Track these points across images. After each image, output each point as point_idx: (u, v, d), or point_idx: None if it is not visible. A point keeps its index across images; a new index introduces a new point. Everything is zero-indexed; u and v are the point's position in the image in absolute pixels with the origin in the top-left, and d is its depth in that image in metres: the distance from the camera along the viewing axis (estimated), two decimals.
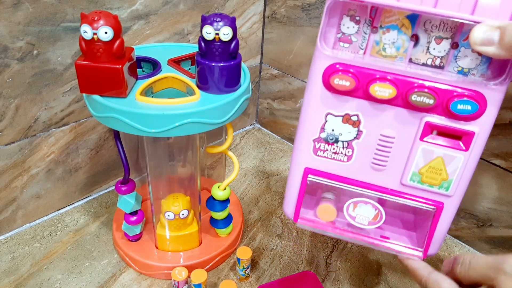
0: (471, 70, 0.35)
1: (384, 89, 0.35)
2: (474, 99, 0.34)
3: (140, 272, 0.55)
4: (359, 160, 0.40)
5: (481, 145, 0.37)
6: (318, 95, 0.38)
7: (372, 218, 0.42)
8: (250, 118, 0.89)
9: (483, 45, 0.31)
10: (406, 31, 0.35)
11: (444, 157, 0.37)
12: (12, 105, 0.53)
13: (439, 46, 0.35)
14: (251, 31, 0.77)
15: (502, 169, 0.55)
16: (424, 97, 0.35)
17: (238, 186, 0.71)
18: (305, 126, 0.39)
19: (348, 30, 0.36)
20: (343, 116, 0.38)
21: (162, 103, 0.43)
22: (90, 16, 0.40)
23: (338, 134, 0.39)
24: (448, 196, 0.39)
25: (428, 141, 0.37)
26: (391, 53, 0.36)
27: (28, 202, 0.60)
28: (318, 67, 0.37)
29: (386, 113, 0.37)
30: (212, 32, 0.43)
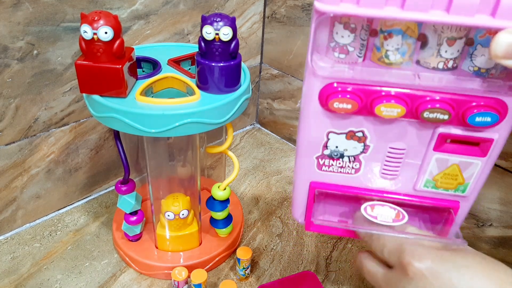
0: (489, 70, 0.30)
1: (392, 108, 0.31)
2: (494, 109, 0.30)
3: (140, 272, 0.55)
4: (367, 172, 0.37)
5: (499, 148, 0.34)
6: (315, 115, 0.34)
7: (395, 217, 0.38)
8: (250, 118, 0.89)
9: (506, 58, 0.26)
10: (412, 33, 0.30)
11: (460, 164, 0.35)
12: (12, 105, 0.53)
13: (452, 48, 0.30)
14: (251, 31, 0.77)
15: (502, 169, 0.55)
16: (438, 113, 0.31)
17: (238, 186, 0.71)
18: (304, 145, 0.36)
19: (342, 39, 0.31)
20: (346, 133, 0.35)
21: (162, 103, 0.43)
22: (90, 16, 0.40)
23: (343, 150, 0.36)
24: (464, 197, 0.37)
25: (443, 151, 0.34)
26: (396, 59, 0.31)
27: (28, 202, 0.60)
28: (312, 87, 0.32)
29: (395, 127, 0.34)
30: (212, 32, 0.43)
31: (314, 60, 0.32)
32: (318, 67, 0.32)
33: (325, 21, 0.30)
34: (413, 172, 0.36)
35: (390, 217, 0.37)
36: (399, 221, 0.37)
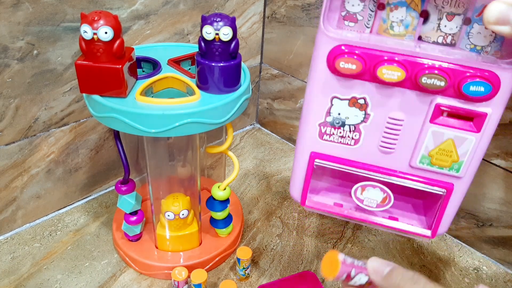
0: (484, 47, 0.33)
1: (393, 71, 0.33)
2: (487, 80, 0.32)
3: (140, 272, 0.55)
4: (366, 144, 0.38)
5: (493, 126, 0.35)
6: (322, 78, 0.36)
7: (381, 201, 0.40)
8: (250, 118, 0.89)
9: (497, 24, 0.28)
10: (416, 7, 0.33)
11: (455, 139, 0.36)
12: (12, 105, 0.53)
13: (451, 23, 0.33)
14: (251, 31, 0.77)
15: (502, 169, 0.55)
16: (435, 79, 0.33)
17: (238, 186, 0.71)
18: (310, 110, 0.38)
19: (353, 8, 0.34)
20: (349, 99, 0.36)
21: (162, 103, 0.43)
22: (90, 16, 0.40)
23: (345, 117, 0.37)
24: (459, 177, 0.38)
25: (438, 124, 0.35)
26: (400, 31, 0.34)
27: (28, 202, 0.60)
28: (322, 49, 0.34)
29: (394, 95, 0.35)
30: (212, 32, 0.43)
31: (325, 23, 0.34)
32: (329, 30, 0.34)
33: None
34: (409, 147, 0.37)
35: (376, 202, 0.40)
36: (383, 206, 0.40)
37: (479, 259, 0.60)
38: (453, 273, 0.57)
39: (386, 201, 0.40)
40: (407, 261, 0.58)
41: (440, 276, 0.56)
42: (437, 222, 0.40)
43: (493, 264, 0.59)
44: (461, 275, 0.57)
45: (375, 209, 0.41)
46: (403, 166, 0.39)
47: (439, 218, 0.39)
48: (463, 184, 0.38)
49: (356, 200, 0.41)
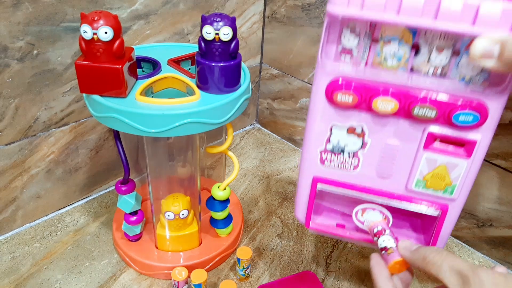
0: (473, 77, 0.35)
1: (387, 103, 0.36)
2: (475, 110, 0.34)
3: (140, 272, 0.55)
4: (365, 169, 0.40)
5: (483, 151, 0.37)
6: (322, 109, 0.38)
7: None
8: (250, 118, 0.89)
9: (482, 58, 0.31)
10: (407, 41, 0.35)
11: (447, 165, 0.38)
12: (12, 105, 0.53)
13: (441, 55, 0.35)
14: (251, 31, 0.77)
15: (502, 169, 0.55)
16: (427, 110, 0.35)
17: (238, 186, 0.71)
18: (311, 138, 0.40)
19: (348, 42, 0.36)
20: (347, 128, 0.39)
21: (162, 103, 0.43)
22: (90, 16, 0.40)
23: (344, 145, 0.40)
24: (453, 199, 0.40)
25: (431, 150, 0.38)
26: (393, 64, 0.36)
27: (28, 202, 0.60)
28: (320, 82, 0.37)
29: (389, 124, 0.38)
30: (212, 32, 0.43)
31: (323, 58, 0.36)
32: (327, 64, 0.36)
33: (335, 22, 0.35)
34: (405, 172, 0.40)
35: None
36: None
37: (479, 259, 0.60)
38: None
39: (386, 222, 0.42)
40: None
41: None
42: (434, 241, 0.42)
43: (493, 264, 0.59)
44: None
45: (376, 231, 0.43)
46: (400, 190, 0.41)
47: (435, 237, 0.41)
48: (457, 205, 0.40)
49: (357, 222, 0.43)
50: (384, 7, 0.32)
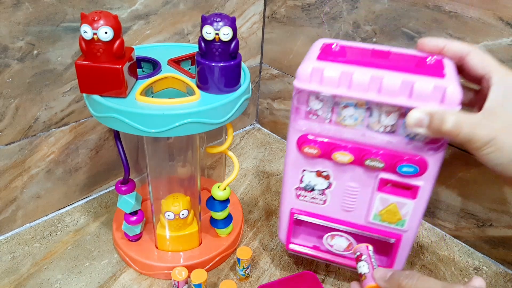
0: (416, 136, 0.41)
1: (344, 156, 0.43)
2: (416, 164, 0.41)
3: (140, 272, 0.55)
4: (332, 204, 0.48)
5: (427, 194, 0.44)
6: (295, 157, 0.46)
7: (346, 247, 0.50)
8: (250, 118, 0.89)
9: (416, 127, 0.38)
10: (361, 106, 0.41)
11: (397, 204, 0.45)
12: (12, 105, 0.53)
13: (389, 118, 0.41)
14: (251, 31, 0.77)
15: None
16: (376, 162, 0.42)
17: (238, 186, 0.71)
18: (288, 178, 0.48)
19: (314, 105, 0.43)
20: (315, 172, 0.46)
21: (162, 103, 0.43)
22: (90, 16, 0.40)
23: (314, 184, 0.47)
24: (404, 230, 0.47)
25: (384, 192, 0.45)
26: (350, 123, 0.43)
27: (28, 202, 0.60)
28: (292, 136, 0.45)
29: (348, 170, 0.45)
30: (212, 32, 0.43)
31: (295, 118, 0.44)
32: (297, 122, 0.44)
33: (302, 94, 0.43)
34: (365, 208, 0.47)
35: (342, 247, 0.50)
36: (349, 251, 0.50)
37: (479, 259, 0.60)
38: (453, 273, 0.57)
39: (350, 247, 0.50)
40: (408, 261, 0.58)
41: (440, 276, 0.56)
42: (392, 262, 0.49)
43: (493, 264, 0.59)
44: (461, 275, 0.57)
45: (343, 252, 0.51)
46: (361, 221, 0.48)
47: (393, 259, 0.49)
48: (409, 235, 0.47)
49: (327, 245, 0.51)
50: (338, 84, 0.40)
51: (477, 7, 0.51)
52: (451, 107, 0.37)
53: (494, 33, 0.51)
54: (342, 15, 0.65)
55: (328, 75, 0.40)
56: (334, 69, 0.40)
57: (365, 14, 0.62)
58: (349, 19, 0.64)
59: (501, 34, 0.50)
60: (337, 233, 0.50)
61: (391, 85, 0.38)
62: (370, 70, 0.40)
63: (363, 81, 0.39)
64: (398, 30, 0.59)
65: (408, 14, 0.57)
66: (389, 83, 0.38)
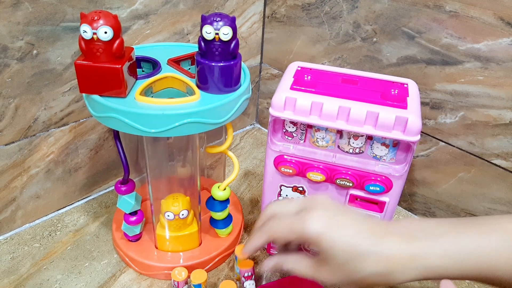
0: (382, 156, 0.46)
1: (317, 175, 0.47)
2: (382, 183, 0.46)
3: (140, 272, 0.54)
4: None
5: (392, 208, 0.48)
6: (272, 174, 0.50)
7: None
8: (250, 118, 0.89)
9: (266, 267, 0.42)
10: (332, 130, 0.46)
11: None
12: (11, 105, 0.53)
13: (357, 141, 0.46)
14: (251, 31, 0.77)
15: (502, 169, 0.55)
16: (345, 181, 0.47)
17: (238, 186, 0.71)
18: (267, 191, 0.52)
19: (290, 128, 0.48)
20: (292, 187, 0.50)
21: (162, 103, 0.43)
22: (89, 15, 0.40)
23: (291, 197, 0.51)
24: None
25: (354, 205, 0.49)
26: (323, 144, 0.47)
27: (28, 202, 0.59)
28: (269, 156, 0.49)
29: (322, 187, 0.49)
30: (212, 31, 0.42)
31: (271, 140, 0.48)
32: (274, 144, 0.48)
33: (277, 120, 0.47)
34: None
35: None
36: None
37: None
38: None
39: None
40: None
41: None
42: None
43: None
44: None
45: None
46: None
47: None
48: None
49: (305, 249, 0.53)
50: (309, 113, 0.44)
51: (477, 7, 0.51)
52: (412, 136, 0.42)
53: (494, 33, 0.51)
54: (342, 15, 0.65)
55: (300, 105, 0.44)
56: (305, 99, 0.44)
57: (365, 14, 0.62)
58: (349, 19, 0.64)
59: (501, 34, 0.50)
60: None
61: (357, 116, 0.43)
62: (339, 100, 0.44)
63: (332, 111, 0.43)
64: (398, 30, 0.59)
65: (408, 13, 0.57)
66: (355, 114, 0.43)
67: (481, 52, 0.52)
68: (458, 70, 0.55)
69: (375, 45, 0.62)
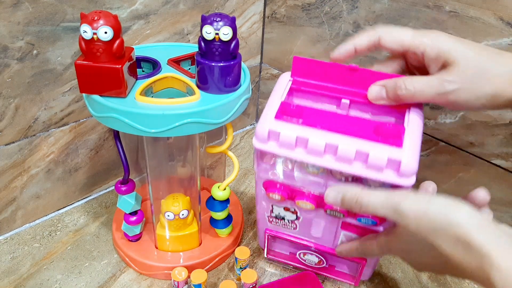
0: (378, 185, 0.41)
1: (306, 204, 0.45)
2: (374, 218, 0.43)
3: (140, 272, 0.54)
4: (302, 230, 0.50)
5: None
6: (263, 196, 0.48)
7: (317, 263, 0.53)
8: (250, 118, 0.89)
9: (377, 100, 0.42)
10: None
11: None
12: (11, 105, 0.53)
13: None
14: (251, 31, 0.77)
15: (502, 169, 0.55)
16: (336, 213, 0.45)
17: (238, 186, 0.71)
18: (259, 209, 0.51)
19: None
20: (283, 207, 0.49)
21: (162, 103, 0.43)
22: (90, 16, 0.40)
23: (283, 215, 0.49)
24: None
25: (347, 230, 0.47)
26: (313, 170, 0.43)
27: (28, 202, 0.59)
28: (259, 181, 0.47)
29: (313, 212, 0.47)
30: (212, 32, 0.42)
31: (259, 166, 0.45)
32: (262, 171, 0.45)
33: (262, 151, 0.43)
34: (331, 237, 0.49)
35: (314, 262, 0.53)
36: (320, 265, 0.53)
37: None
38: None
39: (321, 263, 0.53)
40: None
41: (440, 277, 0.56)
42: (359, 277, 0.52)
43: None
44: None
45: (315, 266, 0.54)
46: (329, 245, 0.50)
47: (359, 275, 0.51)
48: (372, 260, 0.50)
49: (300, 259, 0.54)
50: (294, 147, 0.40)
51: (477, 7, 0.51)
52: (406, 178, 0.37)
53: (494, 33, 0.51)
54: (342, 15, 0.65)
55: (284, 139, 0.40)
56: (290, 132, 0.40)
57: (365, 14, 0.62)
58: (349, 19, 0.64)
59: (501, 34, 0.50)
60: (308, 251, 0.52)
61: (346, 153, 0.38)
62: (326, 135, 0.39)
63: (319, 147, 0.39)
64: None
65: (408, 14, 0.57)
66: (344, 151, 0.38)
67: None
68: None
69: None
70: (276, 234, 0.52)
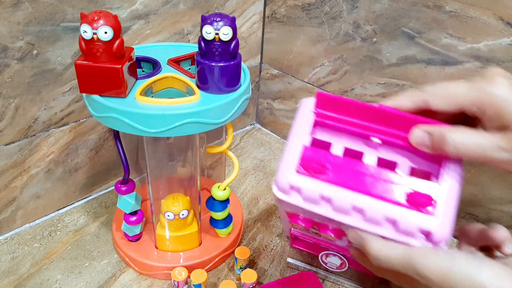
0: None
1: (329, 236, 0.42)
2: None
3: (140, 272, 0.54)
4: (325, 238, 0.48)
5: None
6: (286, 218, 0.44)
7: (339, 266, 0.51)
8: (250, 118, 0.89)
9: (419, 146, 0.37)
10: None
11: None
12: (11, 105, 0.53)
13: None
14: (251, 31, 0.77)
15: None
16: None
17: (238, 186, 0.71)
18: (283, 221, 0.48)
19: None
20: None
21: (162, 103, 0.43)
22: (90, 16, 0.40)
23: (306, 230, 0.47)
24: None
25: None
26: None
27: (28, 202, 0.59)
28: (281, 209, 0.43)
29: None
30: (212, 32, 0.42)
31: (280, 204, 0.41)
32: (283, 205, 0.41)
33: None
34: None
35: (335, 265, 0.52)
36: (341, 269, 0.52)
37: None
38: None
39: (343, 266, 0.51)
40: None
41: None
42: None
43: None
44: None
45: (335, 270, 0.52)
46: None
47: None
48: None
49: (322, 263, 0.52)
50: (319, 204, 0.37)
51: (477, 7, 0.51)
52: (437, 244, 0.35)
53: (494, 33, 0.51)
54: (342, 15, 0.65)
55: (307, 195, 0.37)
56: (312, 189, 0.37)
57: (365, 14, 0.62)
58: (349, 19, 0.64)
59: (501, 34, 0.50)
60: (331, 252, 0.50)
61: (373, 217, 0.36)
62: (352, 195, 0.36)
63: (344, 208, 0.36)
64: (398, 30, 0.59)
65: (408, 14, 0.57)
66: (371, 215, 0.36)
67: (481, 52, 0.52)
68: (458, 70, 0.55)
69: (375, 45, 0.62)
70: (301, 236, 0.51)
